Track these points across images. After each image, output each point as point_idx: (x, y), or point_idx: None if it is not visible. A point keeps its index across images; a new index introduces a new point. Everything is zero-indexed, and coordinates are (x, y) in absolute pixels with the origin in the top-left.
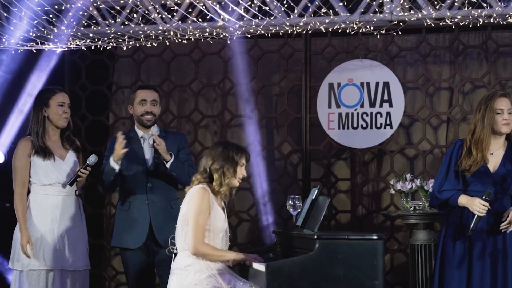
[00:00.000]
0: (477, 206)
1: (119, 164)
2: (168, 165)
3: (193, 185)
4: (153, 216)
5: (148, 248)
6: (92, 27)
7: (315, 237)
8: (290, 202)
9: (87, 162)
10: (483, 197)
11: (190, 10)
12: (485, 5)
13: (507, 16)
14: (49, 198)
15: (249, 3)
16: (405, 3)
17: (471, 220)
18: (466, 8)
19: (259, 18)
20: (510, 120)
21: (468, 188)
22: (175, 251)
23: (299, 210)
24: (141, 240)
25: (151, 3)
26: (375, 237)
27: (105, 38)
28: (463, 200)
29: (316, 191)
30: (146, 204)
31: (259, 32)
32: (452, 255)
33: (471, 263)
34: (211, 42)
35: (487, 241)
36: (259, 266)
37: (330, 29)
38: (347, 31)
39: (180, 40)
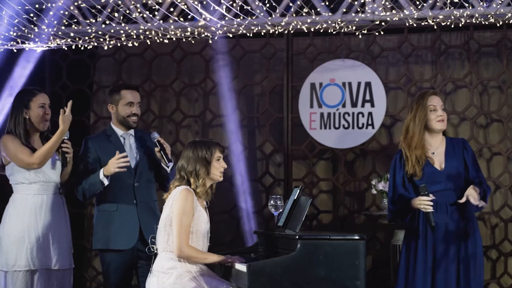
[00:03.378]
0: (420, 204)
1: (108, 179)
2: (169, 170)
3: (171, 190)
4: (141, 216)
5: (134, 249)
6: (73, 26)
7: (297, 237)
8: (272, 202)
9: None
10: (420, 194)
11: (172, 9)
12: (467, 5)
13: (489, 16)
14: (33, 197)
15: (231, 2)
16: (387, 3)
17: (424, 219)
18: (448, 8)
19: (241, 17)
20: (444, 116)
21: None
22: (155, 251)
23: (281, 210)
24: (133, 241)
25: (133, 2)
26: (356, 237)
27: (86, 38)
28: (413, 202)
29: (298, 191)
30: (134, 204)
31: (241, 31)
32: (414, 255)
33: (434, 264)
34: (193, 42)
35: (451, 243)
36: (241, 267)
37: (312, 29)
38: (329, 31)
39: (161, 39)
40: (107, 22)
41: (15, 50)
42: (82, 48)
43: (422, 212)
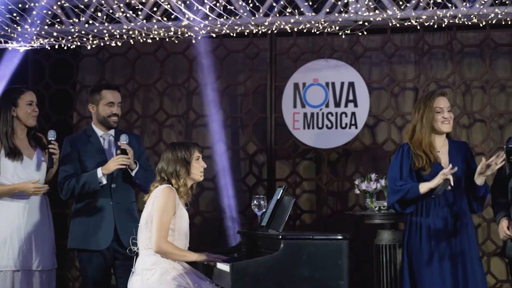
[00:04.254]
0: (443, 174)
1: (106, 178)
2: (133, 173)
3: (151, 193)
4: (117, 217)
5: (110, 249)
6: (56, 26)
7: (280, 237)
8: (255, 202)
9: (49, 138)
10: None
11: (155, 9)
12: (450, 5)
13: (472, 16)
14: (17, 198)
15: (214, 2)
16: (370, 3)
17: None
18: (431, 9)
19: (224, 17)
20: (450, 118)
21: None
22: (136, 251)
23: (264, 210)
24: (107, 242)
25: (116, 2)
26: (340, 237)
27: (69, 37)
28: (424, 184)
29: (281, 191)
30: (111, 205)
31: (224, 31)
32: (420, 254)
33: (441, 261)
34: (176, 42)
35: (449, 241)
36: (224, 266)
37: (296, 29)
38: (312, 31)
39: (144, 39)
40: (90, 21)
41: None
42: (65, 48)
43: (425, 204)
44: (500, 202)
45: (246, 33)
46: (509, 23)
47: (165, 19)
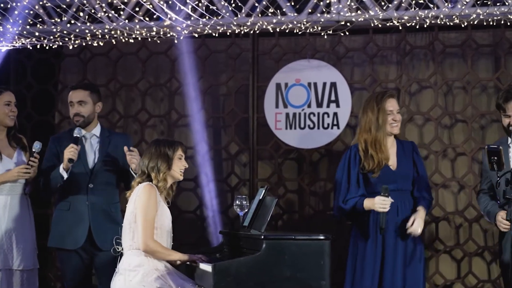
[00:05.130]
0: (379, 203)
1: (68, 172)
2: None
3: (133, 189)
4: (92, 218)
5: (85, 250)
6: (38, 25)
7: (262, 237)
8: (237, 202)
9: (33, 150)
10: (382, 194)
11: (137, 9)
12: (431, 6)
13: (453, 17)
14: None
15: (196, 2)
16: (352, 4)
17: (379, 218)
18: (413, 9)
19: (207, 17)
20: (399, 120)
21: (374, 190)
22: (121, 251)
23: (246, 210)
24: (80, 242)
25: (98, 2)
26: (322, 237)
27: (51, 37)
28: (367, 203)
29: (263, 191)
30: (86, 205)
31: (206, 31)
32: (364, 253)
33: (383, 262)
34: (158, 42)
35: (399, 242)
36: (206, 267)
37: (278, 29)
38: (295, 31)
39: (127, 39)
40: (72, 21)
41: None
42: (47, 48)
43: (375, 212)
44: (493, 205)
45: (228, 33)
46: (491, 23)
47: (147, 19)
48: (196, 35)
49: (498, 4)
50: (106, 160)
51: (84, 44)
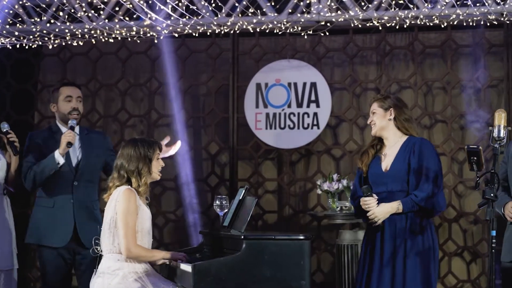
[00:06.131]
0: (362, 204)
1: (64, 157)
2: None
3: (111, 190)
4: (77, 215)
5: (68, 249)
6: (18, 25)
7: (242, 237)
8: (217, 202)
9: (4, 130)
10: (363, 194)
11: (117, 8)
12: (411, 6)
13: (433, 17)
14: None
15: (177, 2)
16: (332, 4)
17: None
18: (392, 9)
19: (187, 17)
20: (373, 121)
21: (373, 190)
22: (100, 253)
23: (226, 210)
24: (66, 240)
25: (78, 2)
26: (301, 237)
27: (31, 36)
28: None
29: (243, 191)
30: (71, 203)
31: (186, 31)
32: (364, 256)
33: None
34: (138, 41)
35: (393, 244)
36: (186, 267)
37: (258, 29)
38: (275, 31)
39: (106, 38)
40: (52, 21)
41: None
42: (27, 47)
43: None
44: (501, 197)
45: (208, 33)
46: (471, 24)
47: (127, 18)
48: (176, 35)
49: (477, 4)
50: (89, 158)
51: (63, 43)
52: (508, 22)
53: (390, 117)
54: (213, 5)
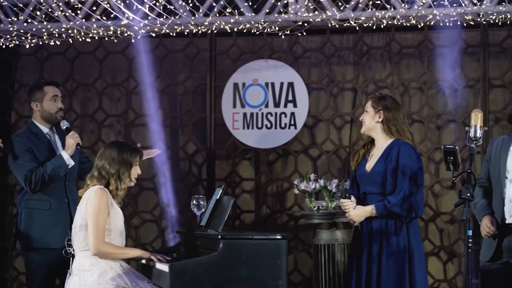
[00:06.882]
0: (341, 205)
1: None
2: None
3: (88, 188)
4: (73, 213)
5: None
6: None
7: (219, 237)
8: (194, 202)
9: None
10: (341, 196)
11: (94, 8)
12: (388, 6)
13: (410, 17)
14: None
15: (154, 2)
16: (309, 4)
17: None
18: (370, 10)
19: (164, 17)
20: (364, 120)
21: (360, 190)
22: (72, 253)
23: (203, 210)
24: (64, 240)
25: (55, 1)
26: (278, 237)
27: (8, 36)
28: None
29: (221, 191)
30: (66, 202)
31: (164, 31)
32: (351, 256)
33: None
34: (116, 41)
35: (372, 245)
36: (163, 267)
37: (235, 29)
38: (252, 31)
39: (84, 38)
40: (29, 20)
41: None
42: (4, 47)
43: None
44: (481, 205)
45: (186, 33)
46: (447, 24)
47: (104, 18)
48: (154, 35)
49: (454, 5)
50: (74, 157)
51: (41, 43)
52: (484, 22)
53: (378, 119)
54: (191, 5)
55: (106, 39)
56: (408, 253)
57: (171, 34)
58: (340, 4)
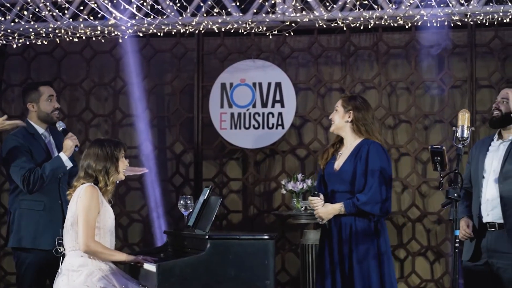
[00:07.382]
0: (310, 203)
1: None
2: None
3: (76, 189)
4: (66, 214)
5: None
6: None
7: (207, 237)
8: (181, 202)
9: None
10: (311, 194)
11: (82, 8)
12: (376, 7)
13: (397, 18)
14: None
15: (142, 1)
16: (297, 4)
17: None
18: (357, 10)
19: (152, 17)
20: (333, 119)
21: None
22: (63, 252)
23: (191, 210)
24: (55, 241)
25: (42, 1)
26: (266, 237)
27: None
28: None
29: (208, 191)
30: (59, 203)
31: (151, 31)
32: (321, 257)
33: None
34: (103, 41)
35: (346, 244)
36: (150, 267)
37: (223, 29)
38: (240, 31)
39: (71, 38)
40: (16, 20)
41: None
42: None
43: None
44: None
45: (173, 33)
46: (435, 25)
47: (91, 18)
48: (141, 35)
49: (442, 5)
50: (72, 159)
51: (28, 43)
52: (472, 23)
53: (348, 119)
54: (178, 4)
55: (94, 39)
56: (377, 250)
57: (159, 34)
58: (327, 4)
